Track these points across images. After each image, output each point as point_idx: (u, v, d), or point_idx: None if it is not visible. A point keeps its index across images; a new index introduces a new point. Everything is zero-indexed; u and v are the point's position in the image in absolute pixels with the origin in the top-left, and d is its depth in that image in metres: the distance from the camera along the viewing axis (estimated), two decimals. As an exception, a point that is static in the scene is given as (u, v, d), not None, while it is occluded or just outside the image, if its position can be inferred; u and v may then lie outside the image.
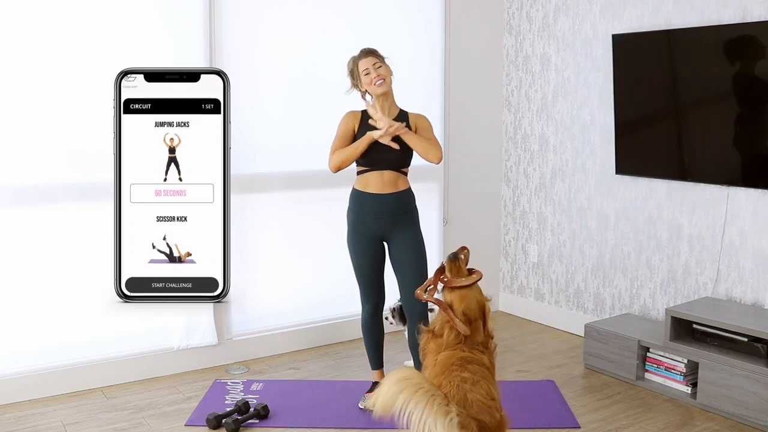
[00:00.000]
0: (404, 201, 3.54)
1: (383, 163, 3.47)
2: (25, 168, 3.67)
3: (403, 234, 3.53)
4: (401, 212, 3.52)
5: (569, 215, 4.91)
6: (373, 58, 3.47)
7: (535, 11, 5.04)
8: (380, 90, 3.45)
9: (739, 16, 3.87)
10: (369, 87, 3.47)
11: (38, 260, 3.75)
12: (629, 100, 4.36)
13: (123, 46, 3.83)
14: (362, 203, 3.51)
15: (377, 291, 3.63)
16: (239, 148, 4.25)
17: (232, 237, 1.78)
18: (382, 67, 3.47)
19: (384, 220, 3.50)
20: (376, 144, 3.43)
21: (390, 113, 3.52)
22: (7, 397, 3.71)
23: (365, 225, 3.52)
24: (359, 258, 3.57)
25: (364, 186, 3.51)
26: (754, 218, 3.88)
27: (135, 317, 4.07)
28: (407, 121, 3.54)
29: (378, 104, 3.50)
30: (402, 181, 3.54)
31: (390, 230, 3.52)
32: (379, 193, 3.48)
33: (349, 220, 3.58)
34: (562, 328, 5.00)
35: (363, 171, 3.52)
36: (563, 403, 3.73)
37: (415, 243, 3.54)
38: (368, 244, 3.54)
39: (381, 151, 3.45)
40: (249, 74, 4.25)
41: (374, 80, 3.43)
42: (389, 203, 3.49)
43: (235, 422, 3.35)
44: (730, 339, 3.65)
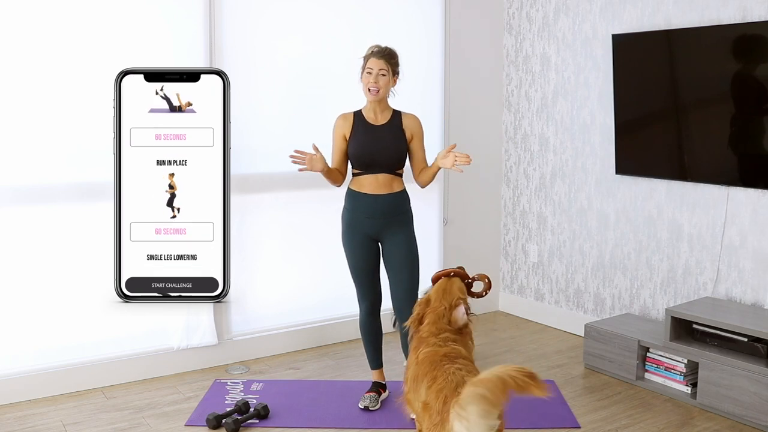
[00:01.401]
0: (398, 202, 3.55)
1: (377, 166, 3.49)
2: (25, 168, 3.67)
3: (397, 235, 3.54)
4: (395, 213, 3.53)
5: (569, 215, 4.91)
6: (384, 64, 3.45)
7: (535, 11, 5.03)
8: (370, 97, 3.47)
9: (739, 16, 3.87)
10: (363, 87, 3.49)
11: (38, 260, 3.75)
12: (629, 100, 4.36)
13: (123, 46, 3.83)
14: (357, 203, 3.52)
15: (373, 290, 3.64)
16: (239, 148, 4.26)
17: (232, 237, 1.79)
18: (385, 77, 3.45)
19: (377, 220, 3.51)
20: (370, 148, 3.47)
21: (383, 116, 3.54)
22: (7, 397, 3.71)
23: (359, 224, 3.53)
24: (354, 257, 3.58)
25: (359, 187, 3.52)
26: (754, 218, 3.88)
27: (135, 317, 4.06)
28: (400, 122, 3.56)
29: (370, 105, 3.53)
30: (397, 182, 3.55)
31: (383, 230, 3.54)
32: (373, 193, 3.50)
33: (344, 220, 3.60)
34: (562, 328, 5.00)
35: (358, 174, 3.54)
36: (563, 403, 3.73)
37: (407, 244, 3.55)
38: (362, 244, 3.55)
39: (374, 155, 3.47)
40: (249, 74, 4.25)
41: (370, 86, 3.44)
42: (384, 204, 3.50)
43: (235, 422, 3.35)
44: (730, 339, 3.65)
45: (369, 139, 3.49)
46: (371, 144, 3.48)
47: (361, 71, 3.50)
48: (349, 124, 3.54)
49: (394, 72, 3.51)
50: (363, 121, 3.53)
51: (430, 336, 2.69)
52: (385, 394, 3.75)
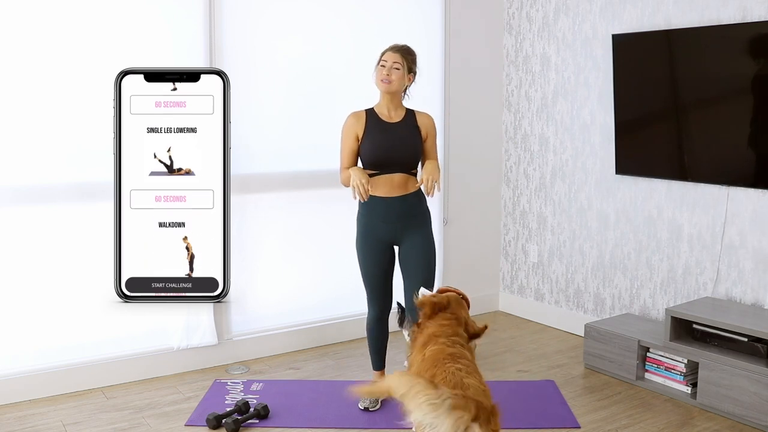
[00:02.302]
0: (415, 203, 3.48)
1: (393, 165, 3.41)
2: (25, 168, 3.67)
3: (414, 236, 3.47)
4: (412, 215, 3.46)
5: (569, 215, 4.91)
6: (398, 57, 3.41)
7: (535, 11, 5.03)
8: (382, 87, 3.42)
9: (739, 16, 3.87)
10: (376, 78, 3.43)
11: (38, 260, 3.75)
12: (629, 100, 4.36)
13: (123, 46, 3.83)
14: (372, 208, 3.45)
15: (383, 297, 3.58)
16: (239, 148, 4.26)
17: (232, 237, 1.79)
18: (398, 71, 3.40)
19: (394, 224, 3.44)
20: (386, 146, 3.39)
21: (396, 114, 3.48)
22: (7, 397, 3.71)
23: (375, 230, 3.46)
24: (367, 264, 3.52)
25: (373, 190, 3.41)
26: (754, 218, 3.88)
27: (135, 317, 4.06)
28: (415, 120, 3.51)
29: (384, 102, 3.47)
30: (412, 182, 3.47)
31: (401, 234, 3.47)
32: (388, 196, 3.42)
33: (359, 225, 3.52)
34: (562, 328, 5.00)
35: (372, 175, 3.43)
36: (563, 403, 3.74)
37: (425, 245, 3.48)
38: (377, 251, 3.49)
39: (390, 153, 3.39)
40: (249, 74, 4.25)
41: (382, 76, 3.39)
42: (399, 206, 3.43)
43: (235, 422, 3.35)
44: (730, 339, 3.65)
45: (385, 137, 3.41)
46: (387, 142, 3.40)
47: (376, 66, 3.47)
48: (362, 122, 3.44)
49: (409, 69, 3.46)
50: (377, 118, 3.45)
51: (442, 336, 2.66)
52: None
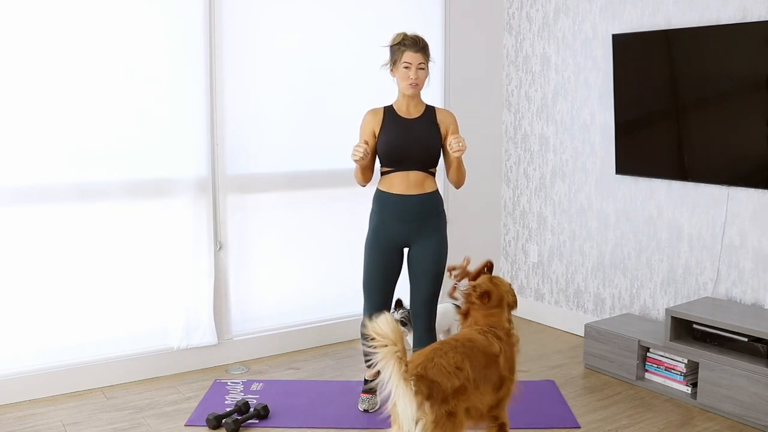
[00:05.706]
0: (431, 203, 3.35)
1: (409, 161, 3.30)
2: (25, 168, 3.67)
3: (427, 240, 3.35)
4: (427, 216, 3.34)
5: (569, 215, 4.91)
6: (422, 57, 3.26)
7: (535, 11, 5.04)
8: (409, 91, 3.30)
9: (739, 16, 3.87)
10: (401, 81, 3.30)
11: (38, 260, 3.75)
12: (629, 100, 4.36)
13: (123, 46, 3.83)
14: (386, 205, 3.34)
15: (379, 305, 3.42)
16: (239, 148, 4.26)
17: (232, 237, 1.77)
18: (423, 71, 3.30)
19: (408, 224, 3.32)
20: (401, 140, 3.29)
21: (416, 110, 3.37)
22: (7, 397, 3.71)
23: (387, 229, 3.35)
24: (371, 267, 3.39)
25: (388, 187, 3.33)
26: (754, 218, 3.88)
27: (135, 317, 4.07)
28: (434, 116, 3.38)
29: (403, 99, 3.37)
30: (429, 182, 3.35)
31: (414, 236, 3.35)
32: (404, 194, 3.31)
33: (371, 224, 3.41)
34: (562, 328, 5.00)
35: (387, 171, 3.34)
36: (563, 403, 3.74)
37: (436, 252, 3.35)
38: (385, 254, 3.37)
39: (406, 148, 3.29)
40: (249, 74, 4.25)
41: (410, 81, 3.26)
42: (415, 205, 3.31)
43: (235, 422, 3.35)
44: (730, 339, 3.65)
45: (401, 132, 3.30)
46: (403, 136, 3.29)
47: (391, 63, 3.33)
48: (379, 118, 3.34)
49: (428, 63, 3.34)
50: (394, 114, 3.35)
51: (484, 326, 2.85)
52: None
